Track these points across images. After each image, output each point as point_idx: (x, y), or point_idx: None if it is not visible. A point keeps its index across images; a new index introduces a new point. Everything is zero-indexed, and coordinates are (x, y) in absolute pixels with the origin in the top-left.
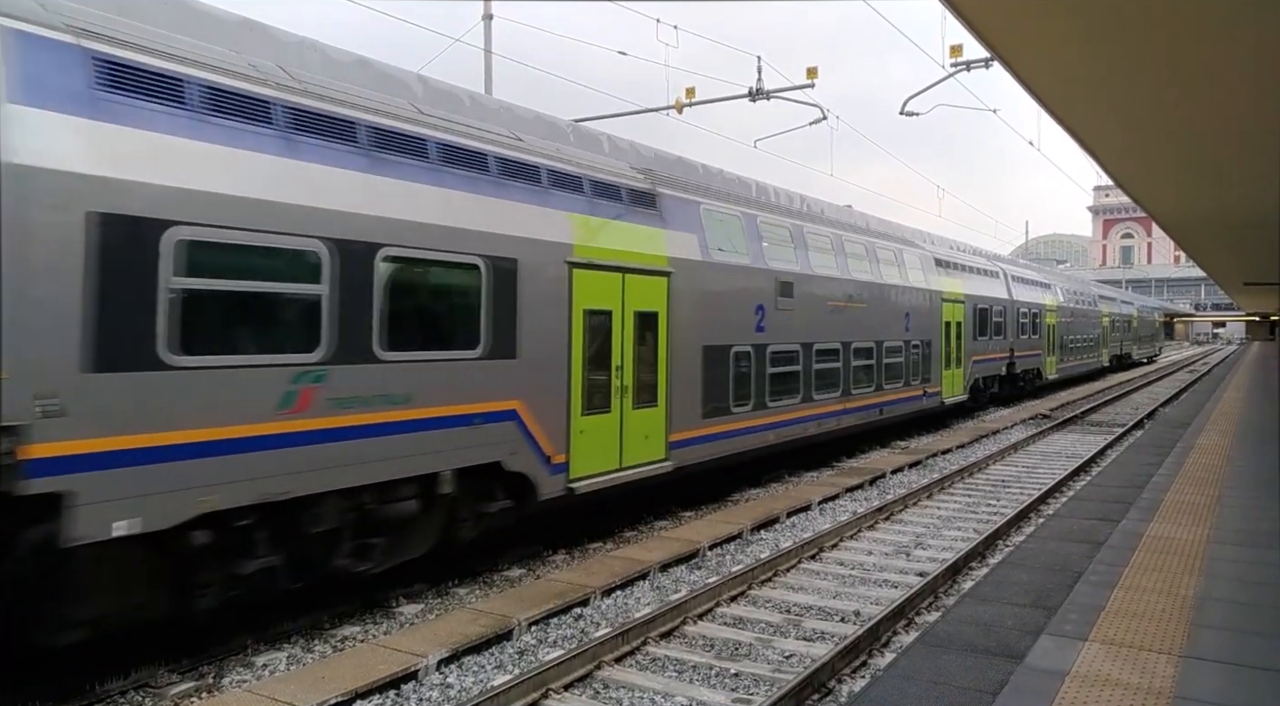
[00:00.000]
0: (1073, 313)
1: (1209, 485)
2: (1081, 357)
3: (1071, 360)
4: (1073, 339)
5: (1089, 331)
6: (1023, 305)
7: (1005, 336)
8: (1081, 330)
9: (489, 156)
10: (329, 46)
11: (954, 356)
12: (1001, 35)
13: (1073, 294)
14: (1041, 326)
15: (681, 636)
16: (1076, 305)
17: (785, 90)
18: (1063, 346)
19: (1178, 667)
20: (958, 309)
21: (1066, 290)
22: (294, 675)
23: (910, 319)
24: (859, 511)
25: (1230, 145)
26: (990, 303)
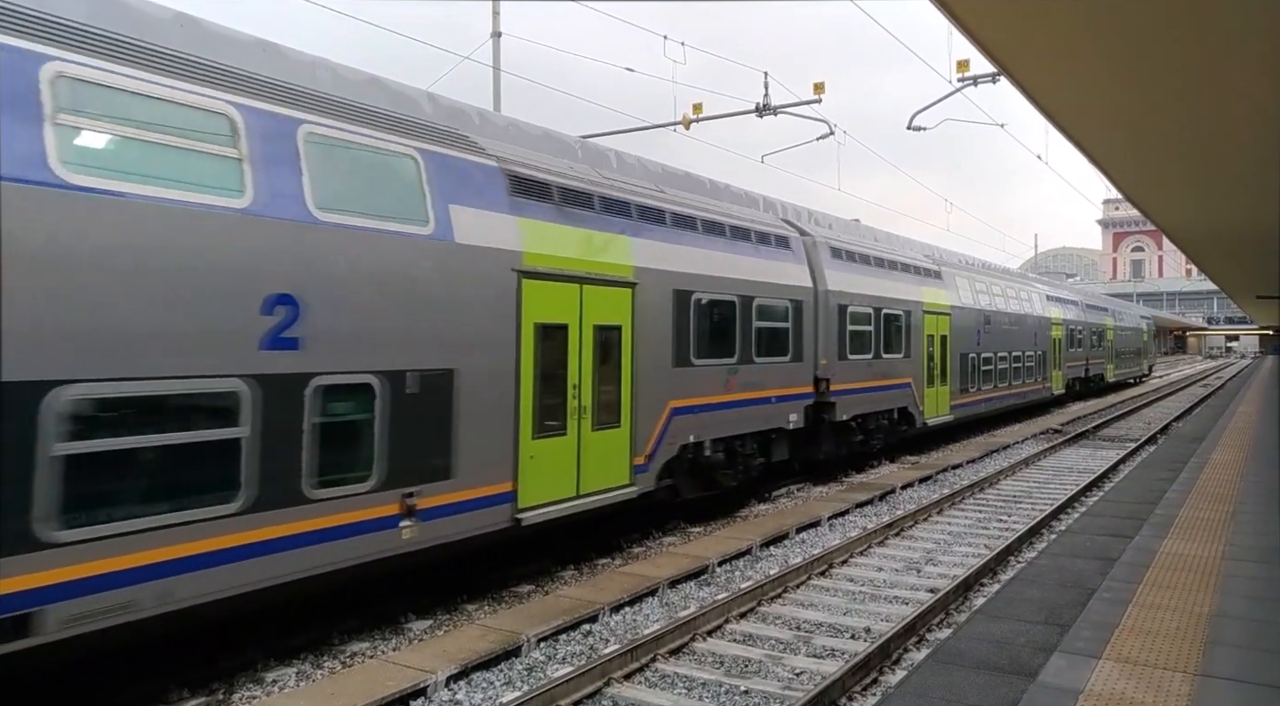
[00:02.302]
0: (988, 319)
1: (1223, 501)
2: (1009, 385)
3: (987, 390)
4: (990, 357)
5: (1025, 345)
6: (858, 302)
7: (797, 354)
8: (1009, 343)
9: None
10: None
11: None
12: (1008, 51)
13: (989, 293)
14: (911, 337)
15: (691, 653)
16: (989, 307)
17: (793, 106)
18: (965, 370)
19: (1193, 686)
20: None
21: (972, 286)
22: (303, 691)
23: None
24: (869, 527)
25: (1240, 157)
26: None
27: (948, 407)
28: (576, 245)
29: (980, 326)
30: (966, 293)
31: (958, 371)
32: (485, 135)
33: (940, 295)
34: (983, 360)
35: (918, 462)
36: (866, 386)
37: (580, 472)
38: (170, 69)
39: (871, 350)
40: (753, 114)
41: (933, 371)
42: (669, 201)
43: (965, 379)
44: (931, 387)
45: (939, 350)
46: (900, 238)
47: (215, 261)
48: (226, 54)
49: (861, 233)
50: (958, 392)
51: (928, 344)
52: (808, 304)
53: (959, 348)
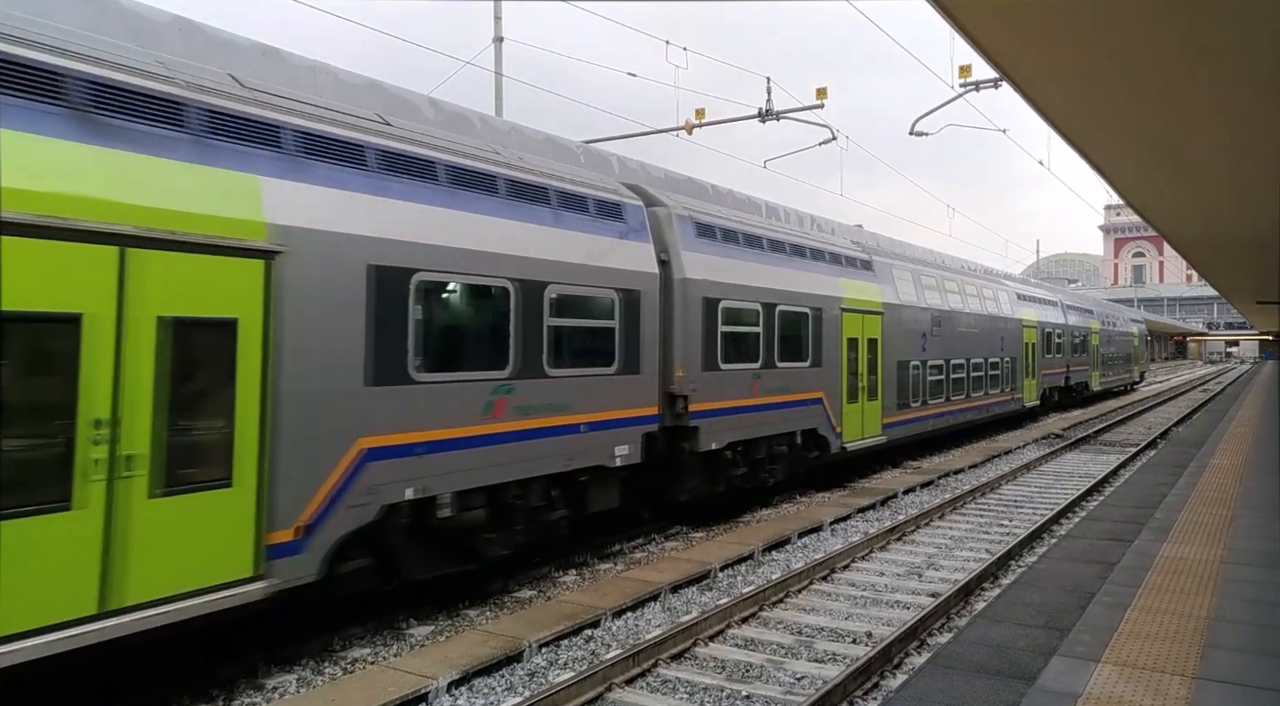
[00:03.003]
0: (939, 320)
1: (1222, 505)
2: (968, 397)
3: (937, 405)
4: (941, 365)
5: (988, 350)
6: (737, 295)
7: (629, 363)
8: (968, 349)
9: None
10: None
11: None
12: (1010, 57)
13: (939, 289)
14: (824, 341)
15: (693, 658)
16: (940, 306)
17: (795, 111)
18: (905, 382)
19: (1191, 689)
20: None
21: (916, 280)
22: (304, 697)
23: None
24: (871, 532)
25: (1241, 163)
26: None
27: (878, 427)
28: (118, 178)
29: (928, 329)
30: (908, 288)
31: (894, 383)
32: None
33: (869, 290)
34: (931, 369)
35: (919, 467)
36: (750, 405)
37: (114, 573)
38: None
39: (759, 358)
40: (755, 119)
41: (856, 384)
42: (374, 132)
43: (905, 392)
44: (854, 404)
45: (865, 357)
46: (824, 220)
47: None
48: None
49: (753, 208)
50: (894, 408)
51: (849, 350)
52: (649, 296)
53: (896, 354)
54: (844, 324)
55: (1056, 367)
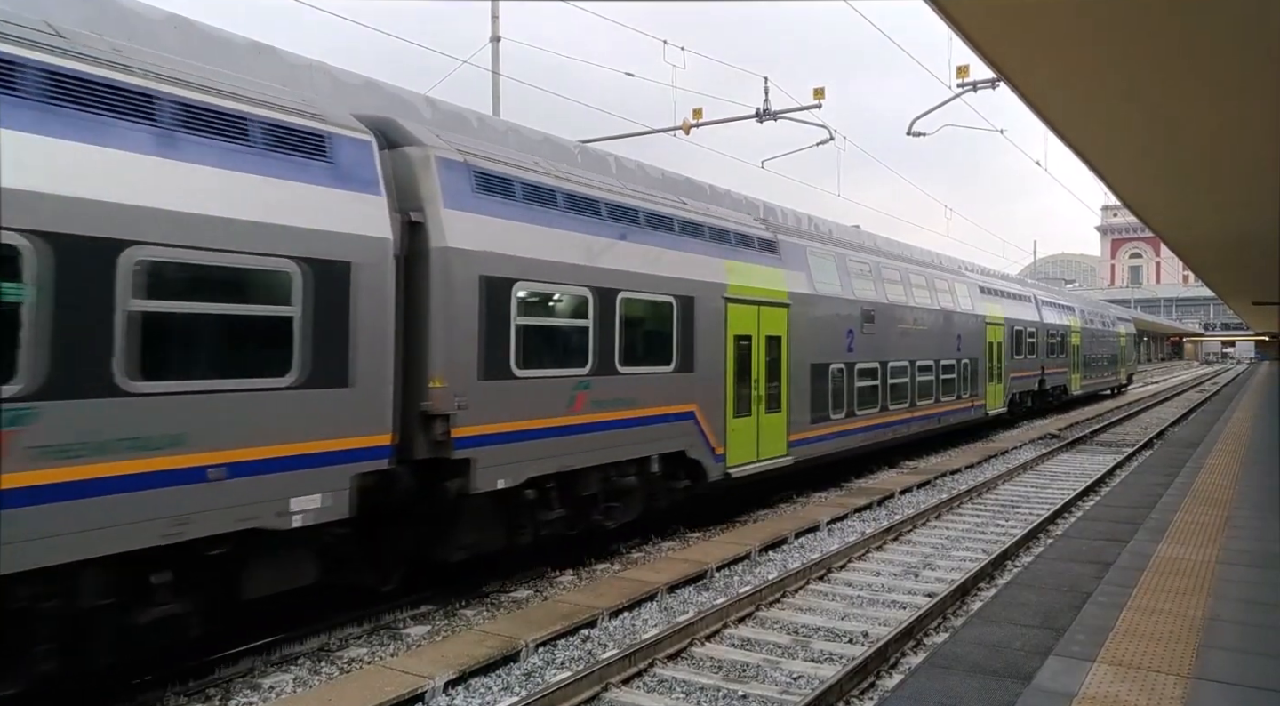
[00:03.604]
0: (871, 314)
1: (1218, 506)
2: (911, 406)
3: (867, 416)
4: (875, 368)
5: (940, 350)
6: (544, 275)
7: (330, 371)
8: (912, 349)
9: None
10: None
11: None
12: (1008, 57)
13: (874, 278)
14: (696, 340)
15: (689, 657)
16: (874, 298)
17: (792, 111)
18: (824, 388)
19: (1186, 689)
20: None
21: (840, 266)
22: (300, 697)
23: None
24: (867, 532)
25: (1237, 163)
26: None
27: (782, 445)
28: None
29: (856, 324)
30: (829, 275)
31: (806, 391)
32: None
33: (770, 277)
34: (861, 373)
35: (916, 467)
36: (570, 424)
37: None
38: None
39: (588, 361)
40: (753, 119)
41: (749, 392)
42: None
43: (823, 401)
44: (744, 418)
45: (763, 359)
46: (735, 193)
47: None
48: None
49: (600, 167)
50: (806, 422)
51: (738, 350)
52: (371, 272)
53: (809, 354)
54: (729, 318)
55: (1029, 370)
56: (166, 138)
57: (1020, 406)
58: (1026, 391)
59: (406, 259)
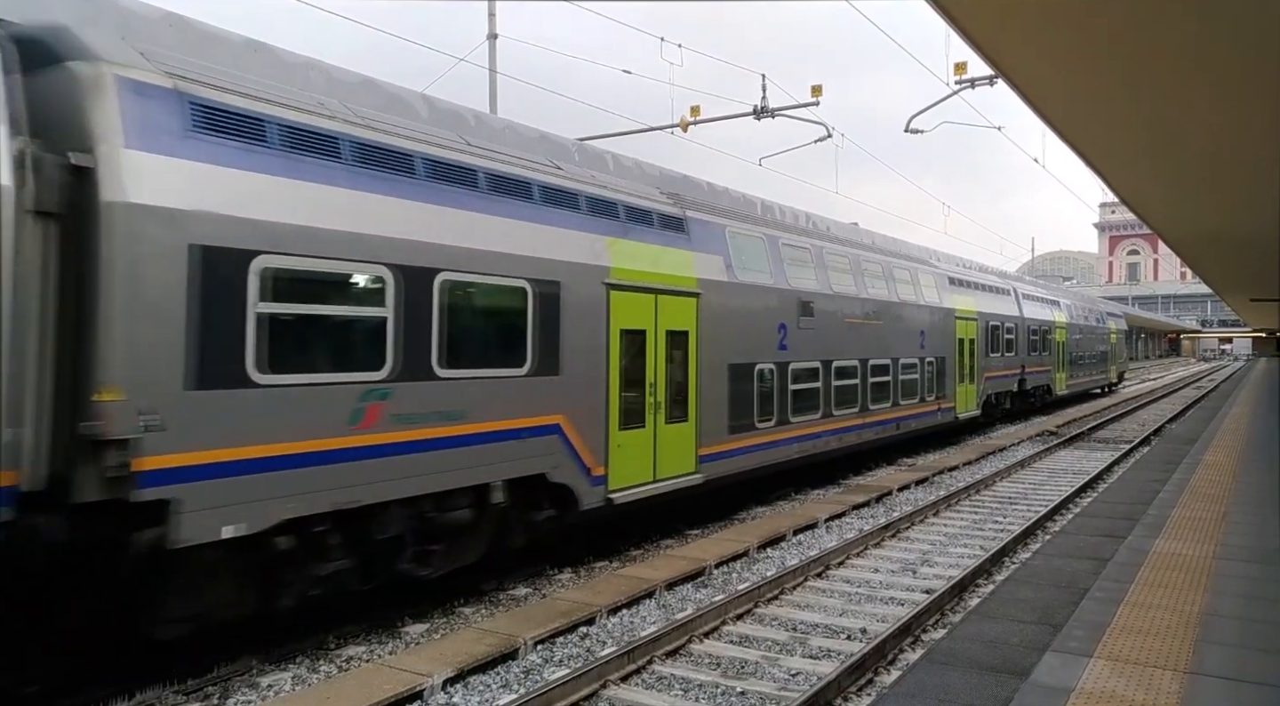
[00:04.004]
0: (809, 306)
1: (1215, 502)
2: (863, 411)
3: (805, 423)
4: (815, 368)
5: (898, 348)
6: (301, 245)
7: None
8: (863, 346)
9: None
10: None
11: None
12: (1005, 53)
13: (815, 263)
14: (563, 336)
15: (688, 655)
16: (813, 287)
17: (790, 108)
18: (748, 392)
19: (1183, 684)
20: None
21: (771, 251)
22: (299, 695)
23: None
24: (866, 529)
25: (1236, 161)
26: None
27: (689, 461)
28: None
29: (791, 318)
30: (755, 259)
31: (723, 395)
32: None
33: (674, 260)
34: (796, 374)
35: (914, 465)
36: (357, 445)
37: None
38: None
39: (385, 362)
40: (750, 116)
41: (643, 398)
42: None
43: (746, 406)
44: (635, 430)
45: (662, 358)
46: (619, 161)
47: None
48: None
49: (429, 117)
50: (723, 432)
51: (625, 347)
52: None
53: (729, 352)
54: (614, 308)
55: (1006, 369)
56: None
57: (997, 409)
58: (1004, 392)
59: (69, 217)
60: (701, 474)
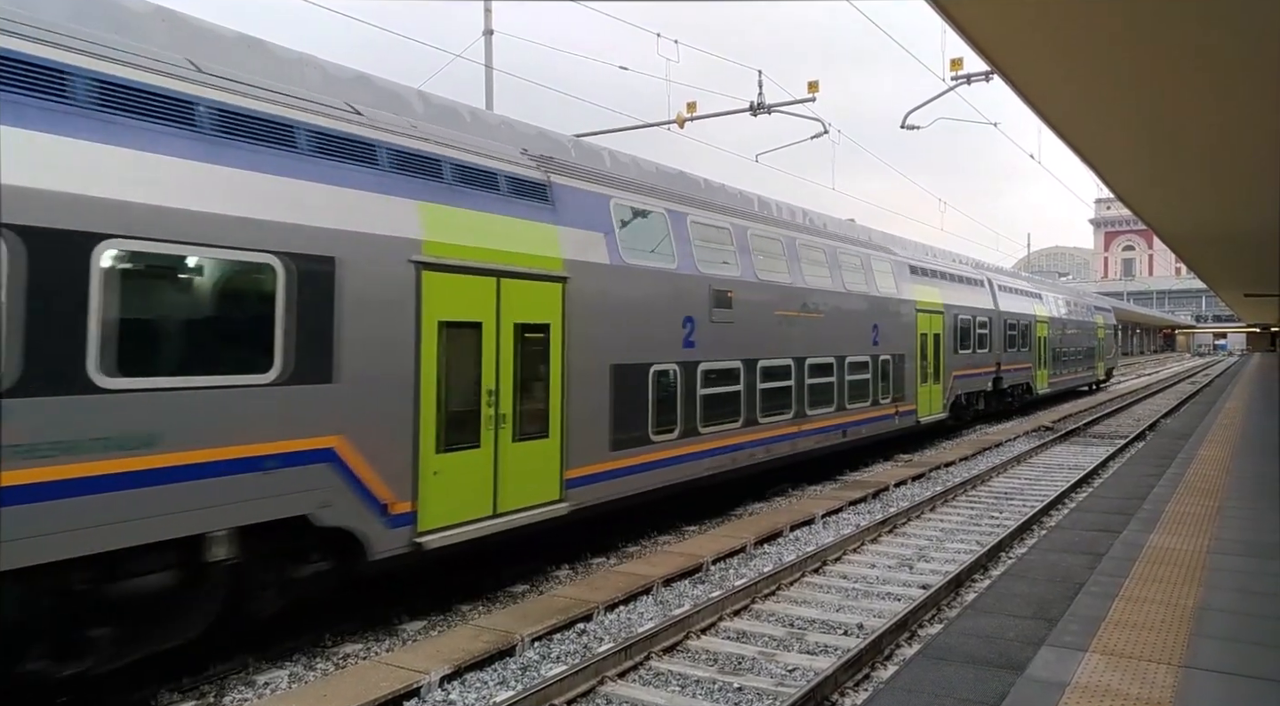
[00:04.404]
0: (724, 297)
1: (1209, 496)
2: (797, 417)
3: (718, 433)
4: (732, 370)
5: (840, 344)
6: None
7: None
8: (791, 343)
9: None
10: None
11: None
12: (1001, 49)
13: (736, 245)
14: (336, 335)
15: (685, 651)
16: (729, 274)
17: (786, 104)
18: (637, 400)
19: (1178, 678)
20: None
21: (672, 230)
22: (295, 693)
23: None
24: (862, 524)
25: (1232, 158)
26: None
27: (552, 486)
28: None
29: (701, 310)
30: (649, 239)
31: (604, 403)
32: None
33: (533, 235)
34: (709, 376)
35: (911, 460)
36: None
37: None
38: None
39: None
40: (747, 112)
41: (478, 409)
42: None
43: (637, 416)
44: (464, 451)
45: (508, 357)
46: (477, 115)
47: None
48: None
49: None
50: (603, 448)
51: (447, 344)
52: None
53: (612, 351)
54: (428, 293)
55: (979, 367)
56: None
57: (968, 410)
58: (976, 392)
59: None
60: (569, 502)
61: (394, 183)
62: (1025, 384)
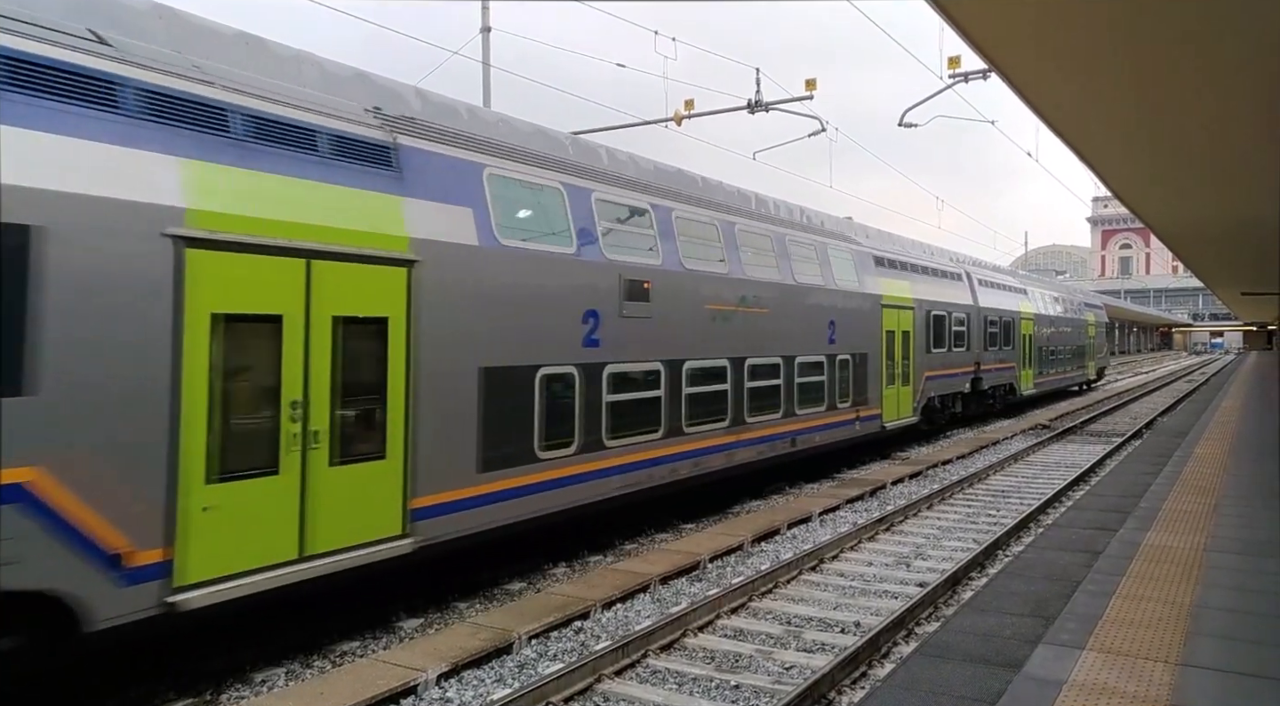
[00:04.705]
0: (637, 288)
1: (1206, 494)
2: (735, 423)
3: (630, 446)
4: (652, 374)
5: (790, 343)
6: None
7: None
8: (730, 341)
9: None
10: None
11: None
12: (999, 47)
13: (648, 224)
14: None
15: (682, 648)
16: (646, 260)
17: (784, 102)
18: (515, 412)
19: (1174, 676)
20: None
21: (565, 198)
22: (292, 691)
23: None
24: (859, 522)
25: (1229, 156)
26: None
27: (391, 519)
28: None
29: (608, 303)
30: (537, 218)
31: (470, 415)
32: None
33: (369, 209)
34: (616, 381)
35: (908, 458)
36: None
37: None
38: None
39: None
40: (744, 110)
41: (272, 426)
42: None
43: (518, 429)
44: (252, 478)
45: (323, 357)
46: (317, 64)
47: None
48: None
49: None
50: (467, 470)
51: (224, 343)
52: None
53: (482, 351)
54: (194, 276)
55: (956, 366)
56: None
57: (943, 413)
58: (952, 393)
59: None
60: (416, 536)
61: (145, 133)
62: (1008, 385)
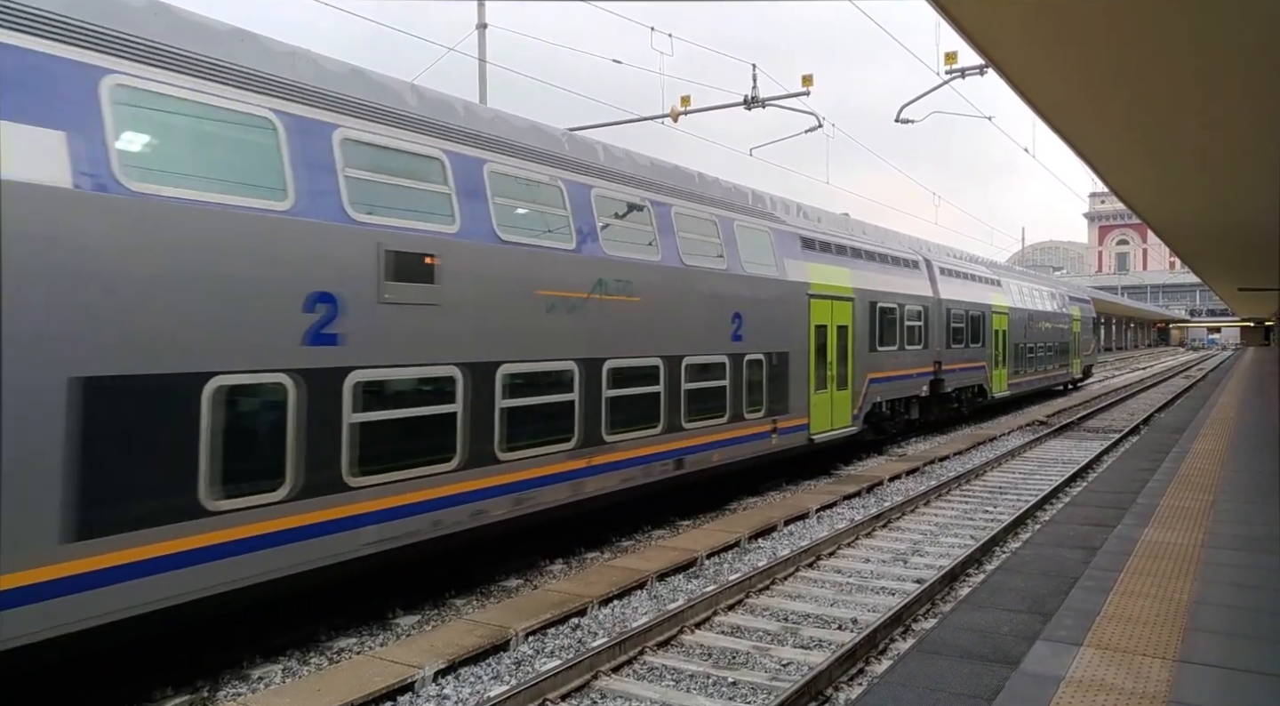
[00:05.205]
0: (426, 263)
1: (1204, 490)
2: (563, 445)
3: (394, 483)
4: (459, 377)
5: (689, 340)
6: None
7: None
8: (611, 340)
9: None
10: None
11: None
12: (996, 43)
13: (446, 168)
14: None
15: (679, 645)
16: (386, 222)
17: (781, 98)
18: (145, 458)
19: (1172, 672)
20: None
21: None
22: (289, 688)
23: None
24: (856, 519)
25: (1226, 152)
26: None
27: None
28: None
29: (359, 286)
30: (206, 161)
31: (56, 456)
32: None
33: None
34: (368, 394)
35: (905, 455)
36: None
37: None
38: None
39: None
40: (741, 106)
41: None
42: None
43: (183, 467)
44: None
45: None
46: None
47: None
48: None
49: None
50: (55, 530)
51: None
52: None
53: (56, 357)
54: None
55: (909, 367)
56: None
57: (893, 420)
58: (904, 397)
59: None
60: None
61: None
62: (977, 386)
